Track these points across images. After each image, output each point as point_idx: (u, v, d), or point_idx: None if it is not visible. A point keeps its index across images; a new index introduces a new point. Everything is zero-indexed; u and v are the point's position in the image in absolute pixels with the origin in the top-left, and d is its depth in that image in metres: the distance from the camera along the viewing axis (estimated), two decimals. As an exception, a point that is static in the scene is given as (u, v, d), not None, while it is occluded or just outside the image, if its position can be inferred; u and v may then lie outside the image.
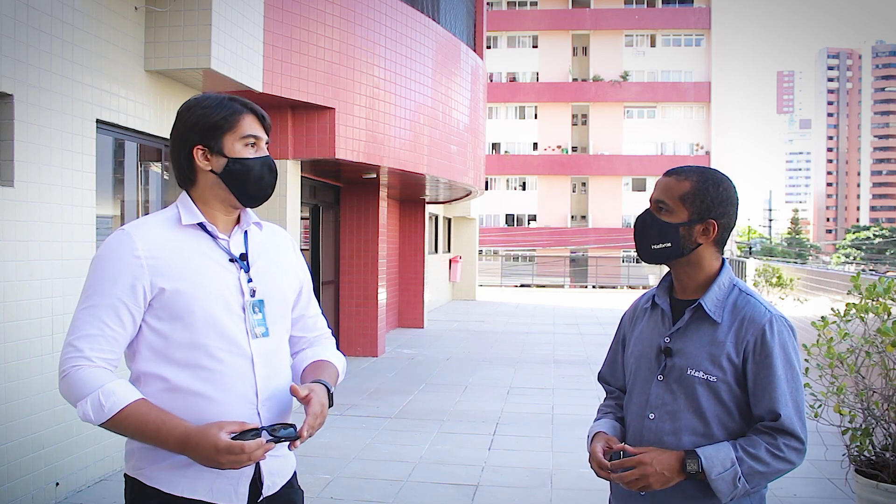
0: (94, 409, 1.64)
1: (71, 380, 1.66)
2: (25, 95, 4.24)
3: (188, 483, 1.72)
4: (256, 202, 1.85)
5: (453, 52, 11.14)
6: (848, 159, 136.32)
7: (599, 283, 36.48)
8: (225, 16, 5.52)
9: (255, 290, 1.81)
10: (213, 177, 1.81)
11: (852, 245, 75.99)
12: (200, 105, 1.81)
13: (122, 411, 1.63)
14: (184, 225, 1.79)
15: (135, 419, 1.64)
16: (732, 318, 1.85)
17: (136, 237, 1.72)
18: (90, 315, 1.69)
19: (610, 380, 2.16)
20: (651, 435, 1.89)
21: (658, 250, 1.89)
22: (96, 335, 1.68)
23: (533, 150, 44.65)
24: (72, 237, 4.65)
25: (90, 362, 1.67)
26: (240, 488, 1.75)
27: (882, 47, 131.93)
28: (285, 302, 1.90)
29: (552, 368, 9.97)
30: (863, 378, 4.21)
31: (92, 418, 1.65)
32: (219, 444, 1.59)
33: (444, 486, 5.07)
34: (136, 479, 1.76)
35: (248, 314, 1.78)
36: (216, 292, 1.75)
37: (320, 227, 10.42)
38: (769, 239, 76.47)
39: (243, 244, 1.86)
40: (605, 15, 43.45)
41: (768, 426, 1.78)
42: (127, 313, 1.70)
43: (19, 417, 4.18)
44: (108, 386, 1.65)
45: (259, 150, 1.84)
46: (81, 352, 1.67)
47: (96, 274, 1.72)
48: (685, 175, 1.89)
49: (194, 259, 1.76)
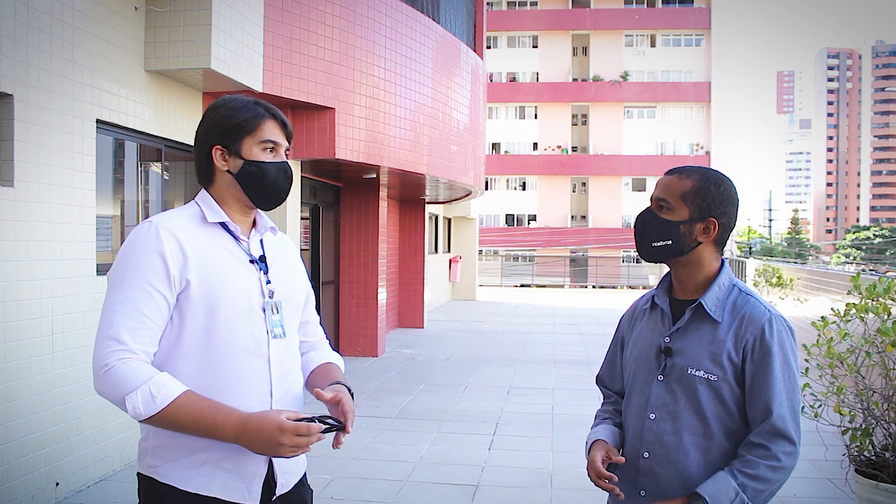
0: (145, 402, 1.61)
1: (116, 374, 1.62)
2: (25, 95, 4.25)
3: (203, 480, 1.73)
4: (270, 205, 1.87)
5: (453, 52, 11.14)
6: (848, 159, 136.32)
7: (599, 283, 36.49)
8: (225, 16, 5.52)
9: (274, 292, 1.83)
10: (230, 177, 1.83)
11: (852, 245, 75.99)
12: (226, 106, 1.84)
13: (175, 401, 1.62)
14: (208, 222, 1.81)
15: (189, 408, 1.63)
16: (732, 318, 1.85)
17: (164, 228, 1.72)
18: (127, 307, 1.66)
19: (608, 382, 2.16)
20: (651, 435, 1.89)
21: (658, 248, 1.89)
22: (137, 327, 1.66)
23: (533, 150, 44.64)
24: (72, 237, 4.65)
25: (135, 355, 1.65)
26: (253, 486, 1.76)
27: (882, 47, 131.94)
28: (297, 305, 1.94)
29: (552, 368, 9.96)
30: (863, 378, 4.21)
31: (141, 411, 1.61)
32: (284, 424, 1.61)
33: (444, 486, 5.07)
34: (150, 478, 1.76)
35: (268, 314, 1.79)
36: (242, 290, 1.77)
37: (320, 227, 10.42)
38: (769, 239, 76.48)
39: (260, 247, 1.89)
40: (605, 15, 43.45)
41: (760, 433, 1.78)
42: (164, 303, 1.69)
43: (19, 417, 4.18)
44: (158, 378, 1.63)
45: (277, 155, 1.86)
46: (125, 345, 1.64)
47: (127, 265, 1.70)
48: (687, 174, 1.90)
49: (221, 256, 1.78)
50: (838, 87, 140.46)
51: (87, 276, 4.77)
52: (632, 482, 1.93)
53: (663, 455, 1.87)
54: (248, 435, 1.62)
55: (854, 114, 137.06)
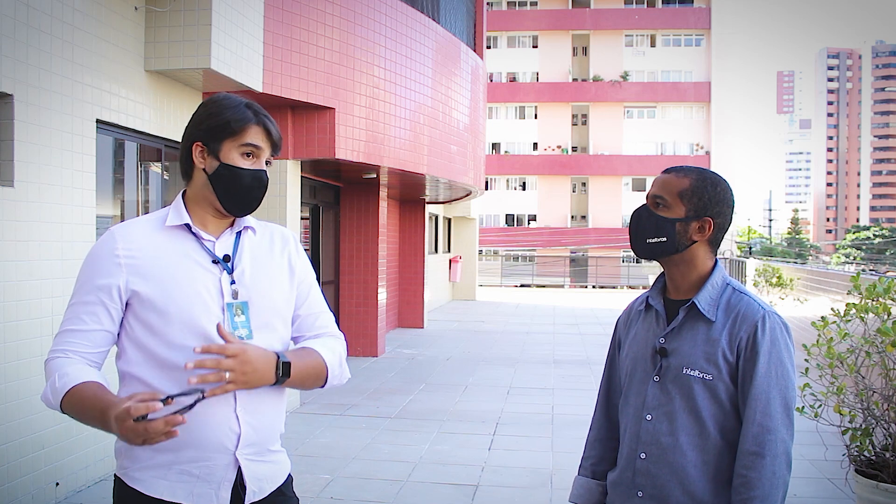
0: (52, 391, 1.68)
1: (46, 370, 1.74)
2: (25, 95, 4.24)
3: (168, 486, 1.72)
4: (240, 211, 1.83)
5: (453, 52, 11.14)
6: (848, 159, 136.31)
7: (599, 283, 36.49)
8: (225, 16, 5.51)
9: (238, 292, 1.78)
10: (205, 177, 1.81)
11: (852, 245, 75.99)
12: (217, 104, 1.82)
13: (71, 390, 1.66)
14: (168, 226, 1.80)
15: (80, 397, 1.65)
16: (726, 316, 1.85)
17: (118, 237, 1.77)
18: (70, 312, 1.77)
19: (608, 396, 2.13)
20: (648, 436, 1.89)
21: (653, 245, 1.90)
22: (73, 330, 1.74)
23: (533, 150, 44.64)
24: (72, 237, 4.65)
25: (63, 354, 1.73)
26: (221, 492, 1.73)
27: (882, 47, 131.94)
28: (273, 306, 1.84)
29: (552, 368, 9.97)
30: (863, 378, 4.21)
31: (51, 400, 1.69)
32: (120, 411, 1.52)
33: (444, 486, 5.07)
34: (121, 480, 1.77)
35: (226, 315, 1.75)
36: (194, 293, 1.74)
37: (320, 227, 10.42)
38: (769, 239, 76.47)
39: (232, 246, 1.84)
40: (605, 15, 43.45)
41: (746, 448, 1.77)
42: (104, 310, 1.74)
43: (19, 417, 4.18)
44: (65, 369, 1.70)
45: (257, 162, 1.81)
46: (58, 346, 1.74)
47: (81, 272, 1.80)
48: (685, 173, 1.90)
49: (174, 260, 1.76)
50: (838, 87, 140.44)
51: (87, 276, 4.76)
52: (629, 483, 1.93)
53: (660, 456, 1.87)
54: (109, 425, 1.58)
55: (854, 114, 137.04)
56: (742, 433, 1.80)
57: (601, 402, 2.15)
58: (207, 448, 1.71)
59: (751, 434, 1.77)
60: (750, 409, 1.79)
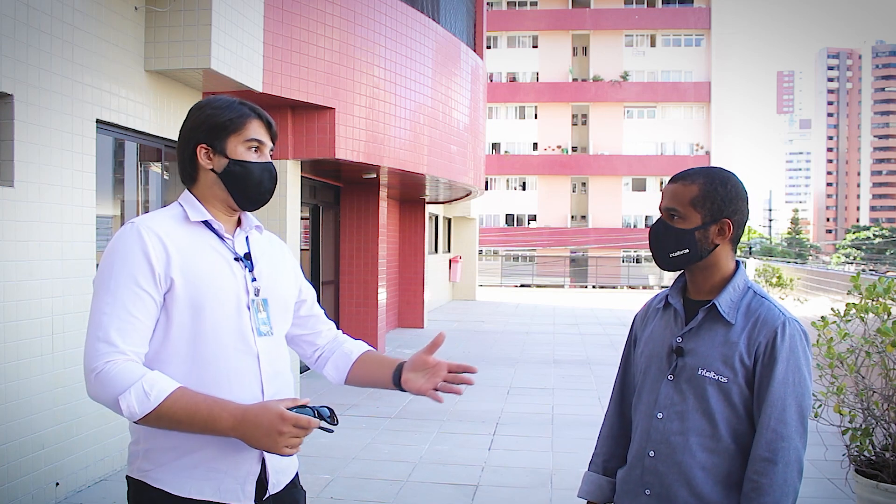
0: (139, 400, 1.58)
1: (107, 376, 1.60)
2: (25, 95, 4.24)
3: (196, 484, 1.71)
4: (254, 206, 1.86)
5: (453, 52, 11.14)
6: (848, 159, 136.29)
7: (599, 284, 36.50)
8: (225, 16, 5.52)
9: (259, 290, 1.82)
10: (214, 176, 1.82)
11: (852, 245, 75.97)
12: (210, 105, 1.84)
13: (169, 397, 1.60)
14: (192, 221, 1.79)
15: (184, 402, 1.60)
16: (746, 320, 1.84)
17: (147, 228, 1.71)
18: (116, 308, 1.64)
19: (623, 393, 2.12)
20: (658, 434, 1.89)
21: (676, 258, 1.88)
22: (126, 328, 1.64)
23: (533, 150, 44.64)
24: (72, 237, 4.65)
25: (125, 356, 1.62)
26: (247, 486, 1.75)
27: (882, 47, 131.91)
28: (285, 304, 1.92)
29: (552, 368, 9.97)
30: (863, 378, 4.21)
31: (136, 410, 1.58)
32: (285, 413, 1.58)
33: (444, 486, 5.07)
34: (140, 481, 1.74)
35: (252, 312, 1.78)
36: (228, 288, 1.75)
37: (320, 227, 10.42)
38: (769, 239, 76.43)
39: (245, 245, 1.87)
40: (605, 15, 43.45)
41: (758, 454, 1.77)
42: (152, 302, 1.67)
43: (19, 417, 4.18)
44: (150, 375, 1.61)
45: (262, 155, 1.85)
46: (115, 346, 1.61)
47: (113, 266, 1.68)
48: (691, 179, 1.88)
49: (206, 254, 1.77)
50: (838, 87, 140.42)
51: (87, 276, 4.76)
52: (637, 480, 1.93)
53: (668, 454, 1.86)
54: (247, 425, 1.60)
55: (854, 114, 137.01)
56: (755, 439, 1.78)
57: (615, 399, 2.14)
58: (236, 441, 1.69)
59: (764, 440, 1.76)
60: (765, 415, 1.77)
